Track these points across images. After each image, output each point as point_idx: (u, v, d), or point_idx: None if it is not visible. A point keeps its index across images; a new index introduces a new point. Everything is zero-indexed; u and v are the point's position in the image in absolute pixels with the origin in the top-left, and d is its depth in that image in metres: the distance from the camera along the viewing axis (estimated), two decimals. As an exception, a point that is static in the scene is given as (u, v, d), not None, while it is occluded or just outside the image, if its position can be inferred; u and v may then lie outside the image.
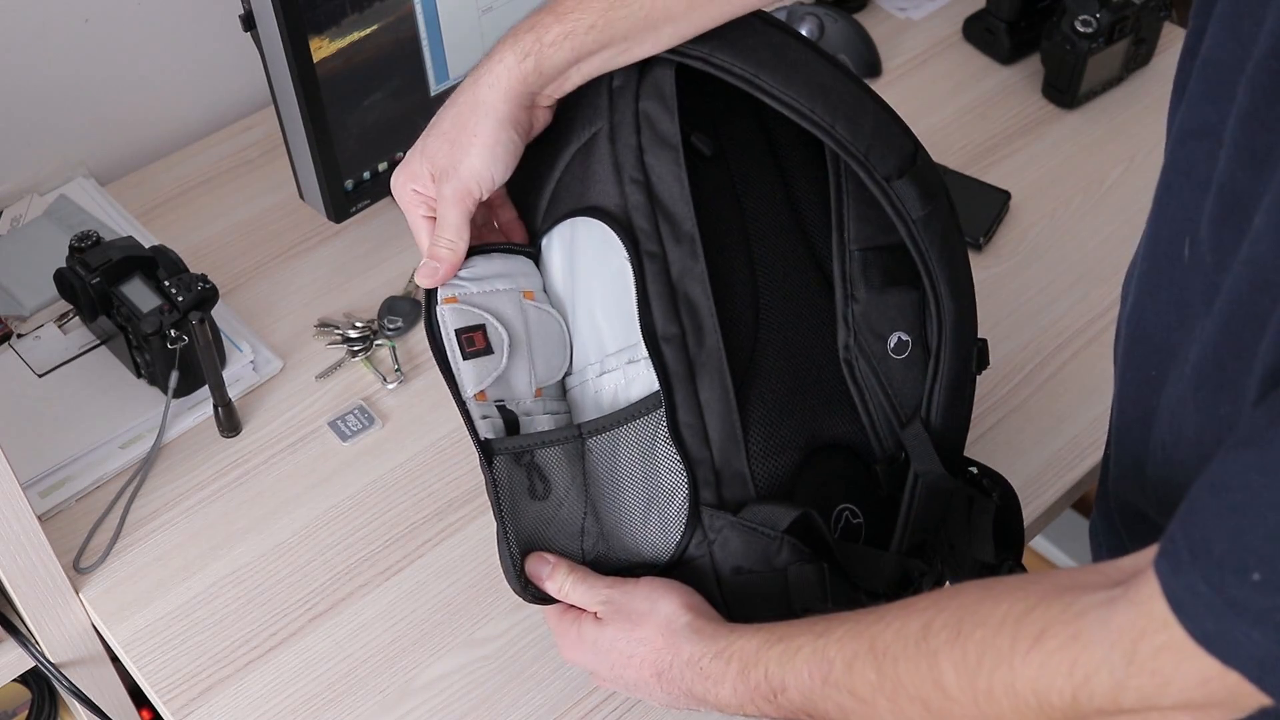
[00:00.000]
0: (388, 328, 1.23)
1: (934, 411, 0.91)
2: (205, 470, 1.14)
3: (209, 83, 1.43)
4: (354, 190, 1.23)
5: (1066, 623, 0.60)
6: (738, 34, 0.87)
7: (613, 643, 0.85)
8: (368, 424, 1.17)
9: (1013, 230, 1.34)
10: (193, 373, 1.13)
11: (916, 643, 0.66)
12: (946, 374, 0.91)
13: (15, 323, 1.23)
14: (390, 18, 1.16)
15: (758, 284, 0.93)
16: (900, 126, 0.89)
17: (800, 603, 0.84)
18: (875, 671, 0.68)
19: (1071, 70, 1.41)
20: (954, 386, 0.91)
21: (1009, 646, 0.61)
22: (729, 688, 0.78)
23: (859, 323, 0.92)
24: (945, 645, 0.64)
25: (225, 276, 1.28)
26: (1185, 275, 0.66)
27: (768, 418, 0.90)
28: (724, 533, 0.87)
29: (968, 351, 0.92)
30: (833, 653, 0.71)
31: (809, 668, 0.72)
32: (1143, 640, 0.56)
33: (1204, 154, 0.64)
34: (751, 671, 0.76)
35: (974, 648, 0.63)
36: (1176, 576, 0.54)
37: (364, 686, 1.01)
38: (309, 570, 1.08)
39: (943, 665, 0.64)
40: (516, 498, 0.88)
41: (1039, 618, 0.61)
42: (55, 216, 1.31)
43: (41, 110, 1.32)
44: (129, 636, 1.04)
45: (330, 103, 1.15)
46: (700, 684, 0.80)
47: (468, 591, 1.07)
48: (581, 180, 0.90)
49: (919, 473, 0.91)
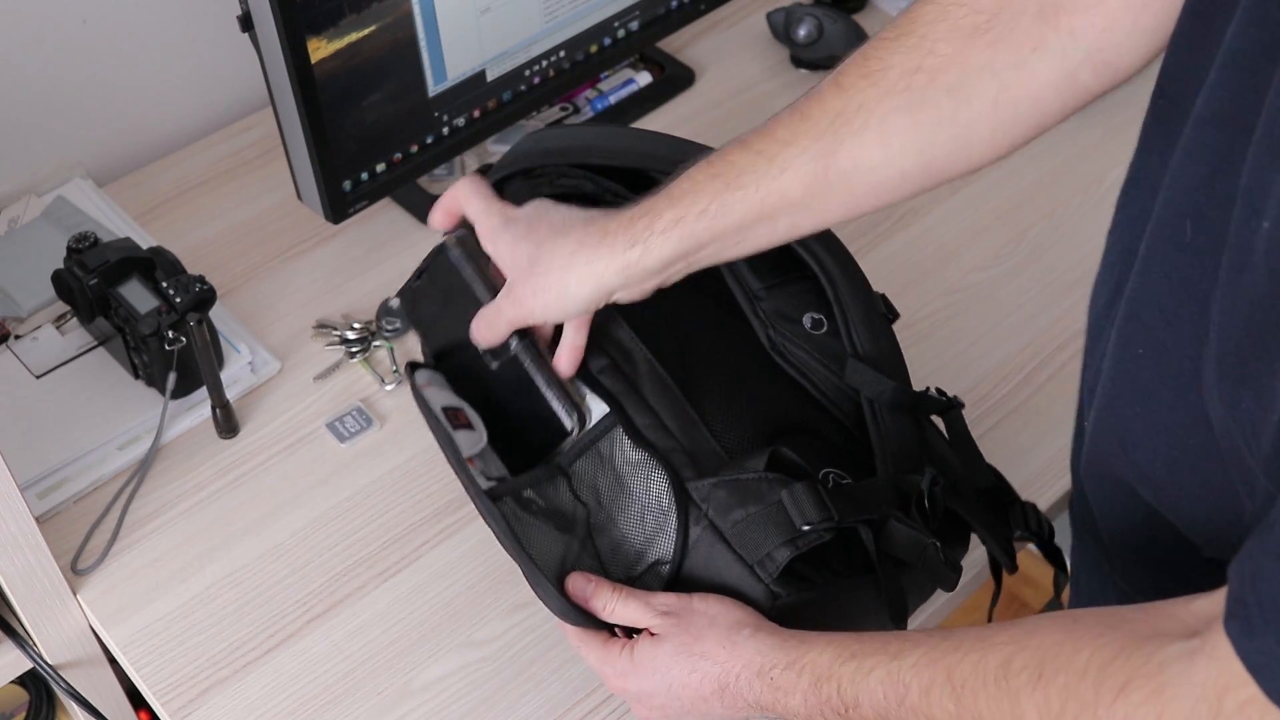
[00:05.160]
0: (386, 329, 1.23)
1: (858, 343, 0.96)
2: (203, 471, 1.14)
3: (207, 84, 1.43)
4: (352, 191, 1.23)
5: (1150, 675, 0.60)
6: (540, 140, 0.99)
7: (673, 660, 0.83)
8: (366, 425, 1.17)
9: (1012, 230, 1.34)
10: (191, 374, 1.13)
11: (996, 680, 0.67)
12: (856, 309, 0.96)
13: (13, 324, 1.23)
14: (388, 19, 1.15)
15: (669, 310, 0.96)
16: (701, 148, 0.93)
17: (802, 520, 0.84)
18: (954, 703, 0.69)
19: (1070, 70, 1.41)
20: (866, 319, 0.96)
21: (1093, 696, 0.62)
22: (800, 699, 0.77)
23: (771, 316, 0.98)
24: (1026, 687, 0.65)
25: (223, 277, 1.27)
26: (1186, 257, 0.66)
27: (719, 401, 0.94)
28: (713, 496, 0.88)
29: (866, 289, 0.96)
30: (908, 677, 0.71)
31: (884, 689, 0.72)
32: (1227, 695, 0.57)
33: (1224, 141, 0.63)
34: (824, 685, 0.76)
35: (1056, 694, 0.64)
36: (1250, 640, 0.56)
37: (362, 688, 1.01)
38: (307, 571, 1.08)
39: (1024, 706, 0.65)
40: (530, 532, 0.90)
41: (1122, 668, 0.61)
42: (53, 217, 1.30)
43: (39, 111, 1.32)
44: (127, 638, 1.04)
45: (328, 104, 1.15)
46: (769, 695, 0.79)
47: (466, 593, 1.06)
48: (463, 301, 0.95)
49: (871, 398, 0.94)
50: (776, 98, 1.48)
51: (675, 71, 1.51)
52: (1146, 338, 0.71)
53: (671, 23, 1.43)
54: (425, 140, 1.27)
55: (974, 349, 1.23)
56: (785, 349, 0.98)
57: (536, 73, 1.33)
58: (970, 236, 1.34)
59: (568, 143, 1.00)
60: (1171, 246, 0.68)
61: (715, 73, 1.51)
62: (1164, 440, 0.71)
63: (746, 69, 1.52)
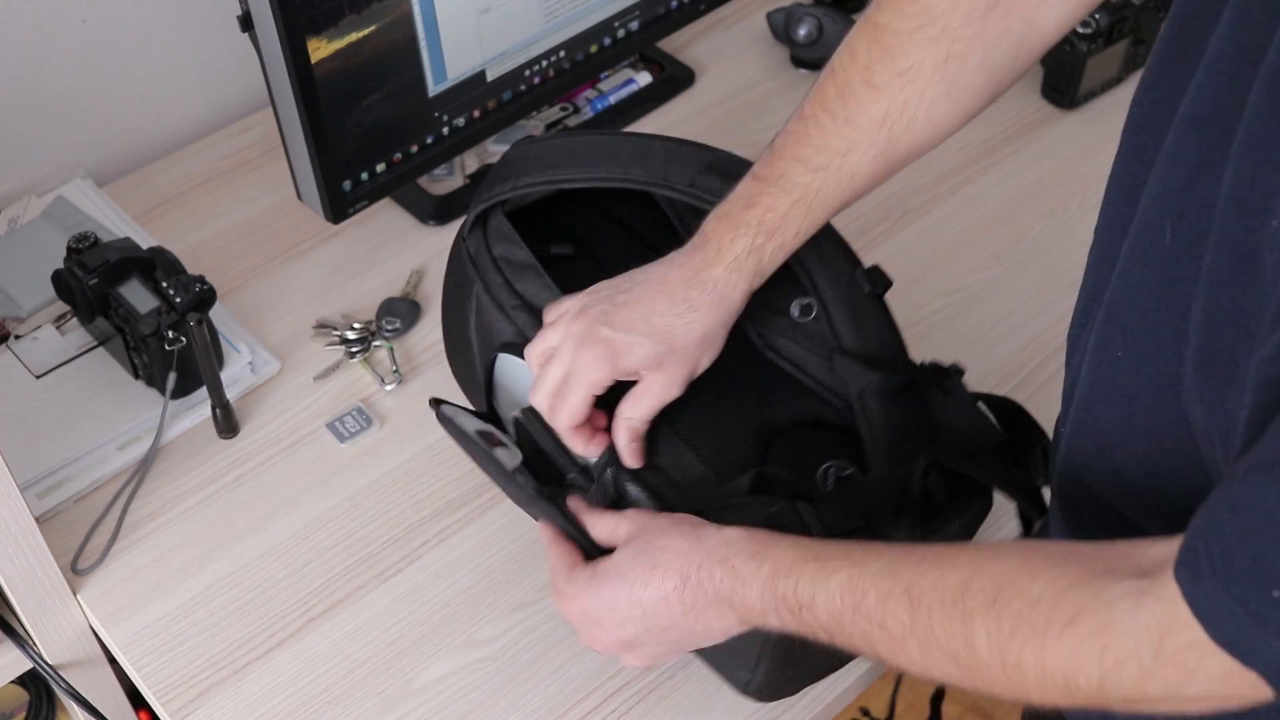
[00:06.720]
0: (386, 329, 1.23)
1: (841, 336, 0.95)
2: (203, 471, 1.14)
3: (207, 83, 1.43)
4: (352, 191, 1.23)
5: (1098, 610, 0.62)
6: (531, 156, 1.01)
7: (635, 560, 0.83)
8: (366, 425, 1.17)
9: (1012, 231, 1.34)
10: (191, 374, 1.13)
11: (953, 599, 0.68)
12: (837, 299, 0.96)
13: (13, 324, 1.23)
14: (388, 18, 1.15)
15: None
16: (691, 145, 0.98)
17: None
18: (909, 614, 0.70)
19: (1070, 71, 1.41)
20: (848, 307, 0.96)
21: (1043, 625, 0.64)
22: (756, 591, 0.78)
23: (757, 311, 0.96)
24: (980, 609, 0.67)
25: (223, 277, 1.27)
26: (1166, 259, 0.67)
27: (706, 420, 0.94)
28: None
29: (847, 273, 0.96)
30: (868, 585, 0.72)
31: (841, 592, 0.73)
32: (1169, 636, 0.59)
33: (1205, 143, 0.64)
34: (782, 581, 0.76)
35: (1008, 619, 0.65)
36: (1197, 585, 0.57)
37: (362, 688, 1.01)
38: (307, 572, 1.08)
39: (976, 627, 0.67)
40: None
41: (1072, 600, 0.63)
42: (53, 217, 1.31)
43: (39, 111, 1.32)
44: (127, 638, 1.04)
45: (328, 104, 1.15)
46: (729, 583, 0.79)
47: (466, 593, 1.06)
48: (485, 334, 1.01)
49: (859, 390, 0.94)
50: (776, 98, 1.48)
51: (675, 71, 1.51)
52: (1124, 340, 0.71)
53: (671, 23, 1.43)
54: (425, 140, 1.27)
55: (974, 349, 1.23)
56: (776, 344, 0.98)
57: (536, 73, 1.33)
58: (970, 236, 1.34)
59: (556, 158, 1.01)
60: (1150, 249, 0.69)
61: (715, 73, 1.51)
62: (1142, 443, 0.72)
63: (746, 69, 1.52)
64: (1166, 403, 0.68)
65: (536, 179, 1.00)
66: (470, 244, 1.02)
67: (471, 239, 1.02)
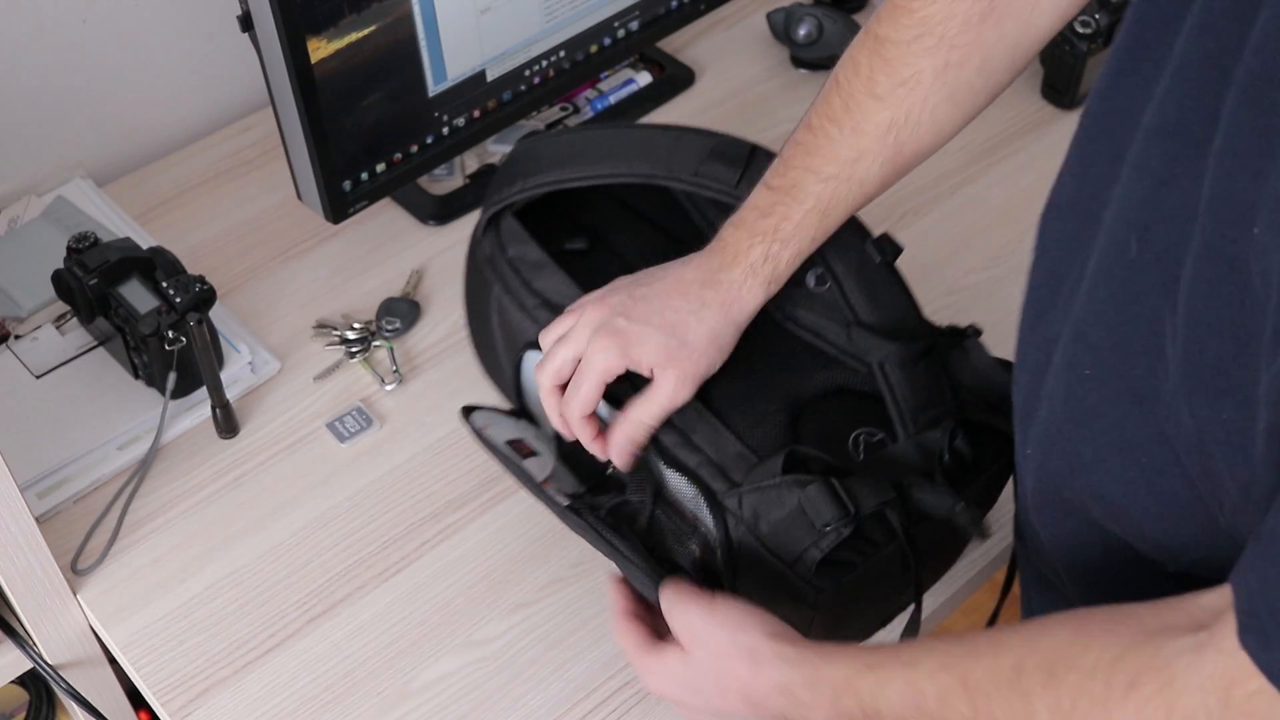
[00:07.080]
0: (386, 329, 1.23)
1: (857, 310, 0.96)
2: (203, 471, 1.14)
3: (207, 84, 1.43)
4: (352, 191, 1.23)
5: (1158, 669, 0.61)
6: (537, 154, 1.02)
7: (705, 676, 0.84)
8: (366, 425, 1.17)
9: (1012, 231, 1.33)
10: (190, 374, 1.13)
11: (1010, 683, 0.67)
12: (849, 273, 0.96)
13: (13, 324, 1.23)
14: (388, 18, 1.15)
15: None
16: (693, 133, 1.00)
17: (821, 521, 0.85)
18: (969, 706, 0.69)
19: (1070, 71, 1.41)
20: (859, 279, 0.96)
21: (1103, 692, 0.63)
22: (822, 714, 0.79)
23: None
24: (1039, 688, 0.66)
25: (223, 277, 1.27)
26: (1132, 272, 0.67)
27: (738, 398, 0.94)
28: (745, 504, 0.89)
29: (856, 247, 0.96)
30: (925, 685, 0.72)
31: (902, 699, 0.73)
32: (1235, 686, 0.58)
33: (1170, 152, 0.63)
34: (844, 699, 0.77)
35: (1068, 693, 0.64)
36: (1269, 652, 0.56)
37: (362, 688, 1.01)
38: (307, 572, 1.08)
39: (1037, 706, 0.66)
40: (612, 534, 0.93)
41: (1130, 664, 0.62)
42: (53, 217, 1.31)
43: (39, 111, 1.32)
44: (127, 638, 1.04)
45: (328, 103, 1.15)
46: (794, 710, 0.80)
47: (466, 593, 1.06)
48: (509, 335, 1.02)
49: (879, 361, 0.94)
50: (776, 98, 1.48)
51: (675, 71, 1.51)
52: (1093, 358, 0.71)
53: (671, 23, 1.43)
54: (425, 140, 1.27)
55: (974, 349, 1.23)
56: (795, 314, 0.98)
57: (536, 73, 1.33)
58: (970, 236, 1.34)
59: (562, 155, 1.02)
60: (1116, 264, 0.68)
61: (715, 73, 1.51)
62: (1116, 461, 0.71)
63: (746, 69, 1.52)
64: (1138, 419, 0.68)
65: (544, 179, 1.01)
66: (485, 247, 1.03)
67: (485, 242, 1.03)
